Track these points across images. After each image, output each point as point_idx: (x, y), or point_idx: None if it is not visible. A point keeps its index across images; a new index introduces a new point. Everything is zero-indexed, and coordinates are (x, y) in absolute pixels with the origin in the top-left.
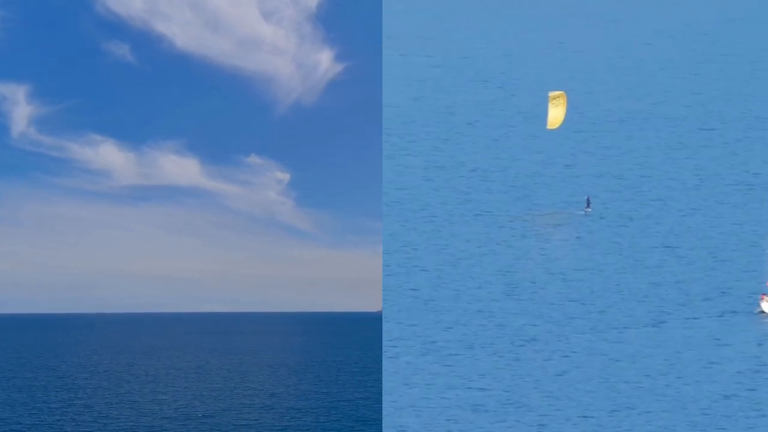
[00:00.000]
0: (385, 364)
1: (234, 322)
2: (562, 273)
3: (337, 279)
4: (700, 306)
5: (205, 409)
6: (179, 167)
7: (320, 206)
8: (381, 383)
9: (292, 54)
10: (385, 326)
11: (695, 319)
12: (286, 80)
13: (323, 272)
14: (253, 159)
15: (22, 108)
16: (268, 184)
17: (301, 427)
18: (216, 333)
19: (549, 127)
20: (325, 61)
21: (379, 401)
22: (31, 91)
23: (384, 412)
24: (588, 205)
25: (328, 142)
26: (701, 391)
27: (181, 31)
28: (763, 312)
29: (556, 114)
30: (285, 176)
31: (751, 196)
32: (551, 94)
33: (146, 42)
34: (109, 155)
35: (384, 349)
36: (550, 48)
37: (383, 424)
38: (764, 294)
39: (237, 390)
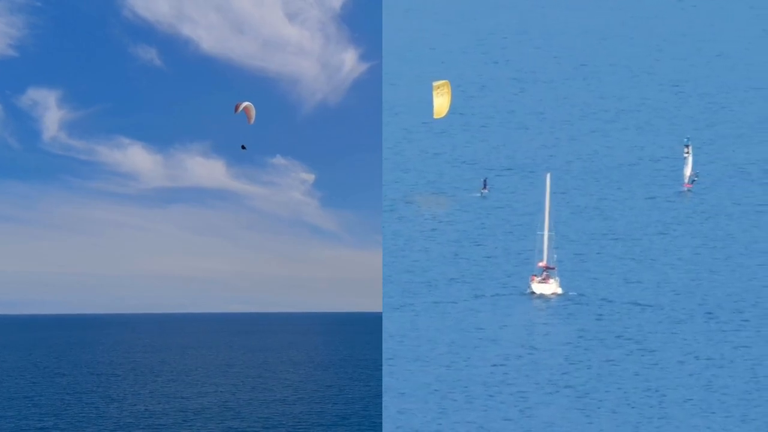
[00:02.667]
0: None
1: (260, 322)
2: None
3: (363, 279)
4: (472, 287)
5: (231, 402)
6: (205, 169)
7: (345, 206)
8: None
9: (316, 54)
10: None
11: (465, 300)
12: (311, 81)
13: (348, 272)
14: (278, 160)
15: (53, 113)
16: (293, 185)
17: (320, 419)
18: (243, 332)
19: (435, 116)
20: (349, 60)
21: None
22: (61, 96)
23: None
24: (485, 187)
25: (353, 142)
26: (470, 375)
27: (206, 34)
28: (533, 293)
29: (441, 103)
30: (310, 177)
31: (521, 178)
32: (435, 83)
33: (173, 46)
34: (137, 158)
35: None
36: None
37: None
38: (534, 275)
39: (262, 384)
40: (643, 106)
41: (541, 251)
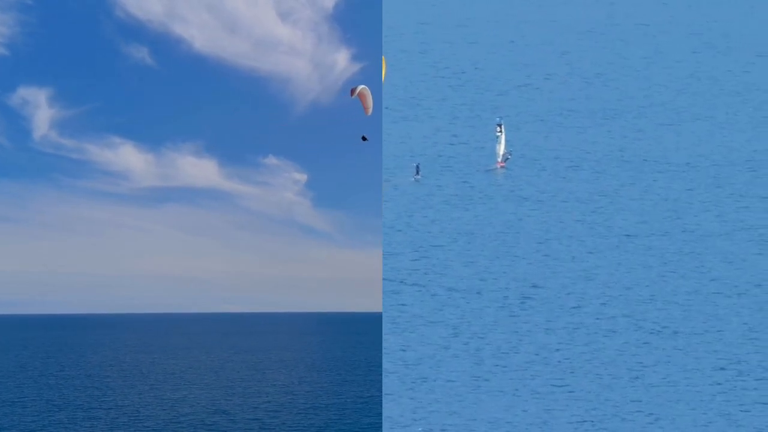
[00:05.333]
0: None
1: (253, 322)
2: None
3: (355, 279)
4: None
5: (224, 406)
6: (197, 168)
7: (338, 207)
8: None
9: (309, 54)
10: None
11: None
12: (303, 81)
13: (341, 272)
14: (270, 160)
15: (44, 111)
16: (285, 185)
17: (315, 423)
18: (235, 333)
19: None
20: (341, 61)
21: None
22: (52, 95)
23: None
24: (417, 172)
25: (346, 142)
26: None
27: (199, 33)
28: None
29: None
30: (302, 177)
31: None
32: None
33: (165, 45)
34: (128, 157)
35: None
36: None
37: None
38: None
39: (255, 387)
40: (448, 95)
41: None
